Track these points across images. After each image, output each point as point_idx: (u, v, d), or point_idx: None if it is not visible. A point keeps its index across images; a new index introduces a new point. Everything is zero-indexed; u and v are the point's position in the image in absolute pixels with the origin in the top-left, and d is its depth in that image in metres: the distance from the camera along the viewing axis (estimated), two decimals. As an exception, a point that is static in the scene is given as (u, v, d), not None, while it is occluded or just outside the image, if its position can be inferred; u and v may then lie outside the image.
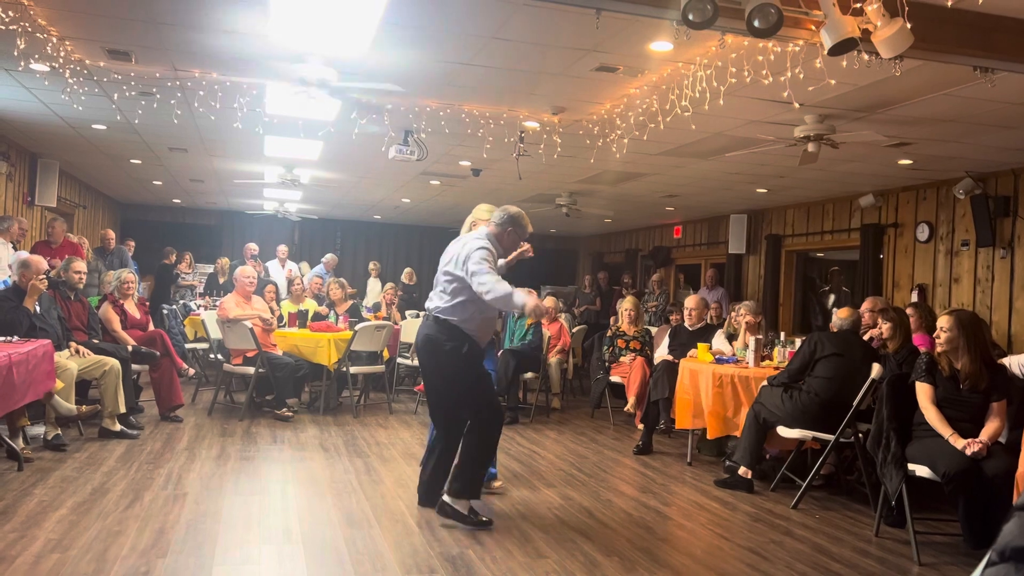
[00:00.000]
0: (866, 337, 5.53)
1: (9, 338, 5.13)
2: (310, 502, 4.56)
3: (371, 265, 13.67)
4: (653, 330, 8.77)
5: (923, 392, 4.32)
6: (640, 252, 15.23)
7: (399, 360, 8.71)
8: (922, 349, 5.68)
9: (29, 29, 4.69)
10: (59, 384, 5.34)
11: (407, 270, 12.93)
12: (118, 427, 5.96)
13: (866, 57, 3.86)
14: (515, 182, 9.48)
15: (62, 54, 5.20)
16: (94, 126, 7.86)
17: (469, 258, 4.14)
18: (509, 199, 11.58)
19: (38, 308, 5.70)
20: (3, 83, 6.24)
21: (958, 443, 4.03)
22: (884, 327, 5.37)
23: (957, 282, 8.20)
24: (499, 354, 7.75)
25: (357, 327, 7.53)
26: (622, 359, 7.71)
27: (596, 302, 13.19)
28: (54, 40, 5.02)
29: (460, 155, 8.41)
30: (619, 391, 7.72)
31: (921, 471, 4.16)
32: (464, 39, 4.73)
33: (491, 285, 4.00)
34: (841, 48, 3.54)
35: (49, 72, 5.62)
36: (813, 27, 3.70)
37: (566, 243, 18.28)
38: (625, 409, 7.41)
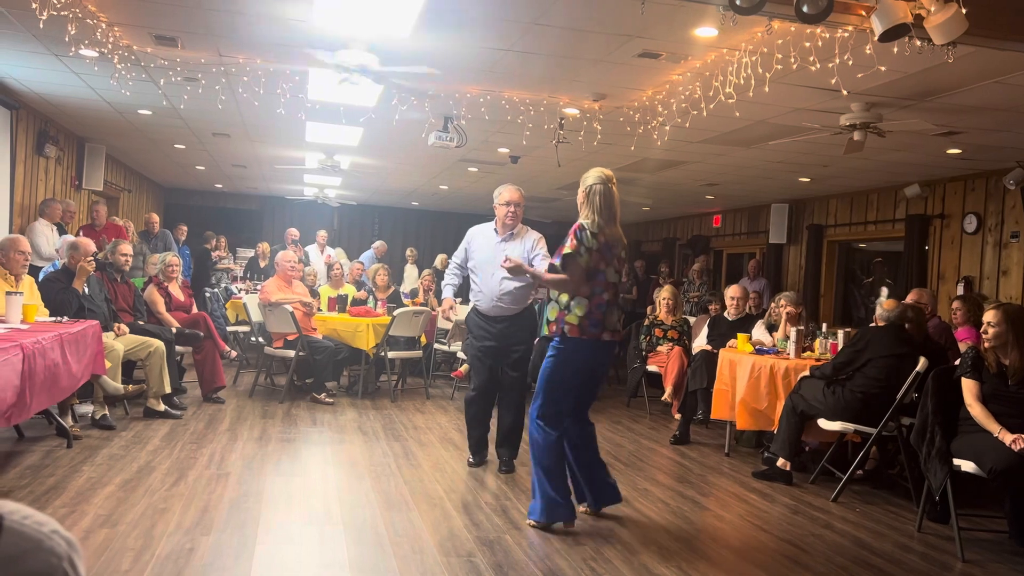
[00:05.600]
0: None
1: (59, 319, 5.26)
2: (349, 484, 4.62)
3: (408, 251, 13.74)
4: (692, 320, 8.70)
5: (968, 389, 4.21)
6: (678, 241, 15.10)
7: (436, 346, 8.76)
8: (968, 343, 5.58)
9: (79, 15, 4.78)
10: (107, 364, 5.47)
11: (440, 256, 12.94)
12: (162, 407, 6.08)
13: (918, 43, 3.76)
14: (554, 169, 9.45)
15: (111, 40, 5.30)
16: (140, 111, 7.99)
17: None
18: (547, 187, 11.60)
19: (86, 289, 5.83)
20: (54, 68, 6.38)
21: (1006, 438, 3.94)
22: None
23: (1005, 275, 8.00)
24: (536, 341, 7.75)
25: (395, 312, 7.58)
26: (659, 348, 7.66)
27: (633, 291, 13.11)
28: (103, 26, 5.11)
29: (499, 142, 8.40)
30: (655, 380, 7.68)
31: (967, 466, 4.08)
32: (506, 25, 4.71)
33: None
34: (893, 34, 3.47)
35: (98, 58, 5.73)
36: (863, 12, 3.62)
37: (603, 231, 18.12)
38: (662, 399, 7.38)
